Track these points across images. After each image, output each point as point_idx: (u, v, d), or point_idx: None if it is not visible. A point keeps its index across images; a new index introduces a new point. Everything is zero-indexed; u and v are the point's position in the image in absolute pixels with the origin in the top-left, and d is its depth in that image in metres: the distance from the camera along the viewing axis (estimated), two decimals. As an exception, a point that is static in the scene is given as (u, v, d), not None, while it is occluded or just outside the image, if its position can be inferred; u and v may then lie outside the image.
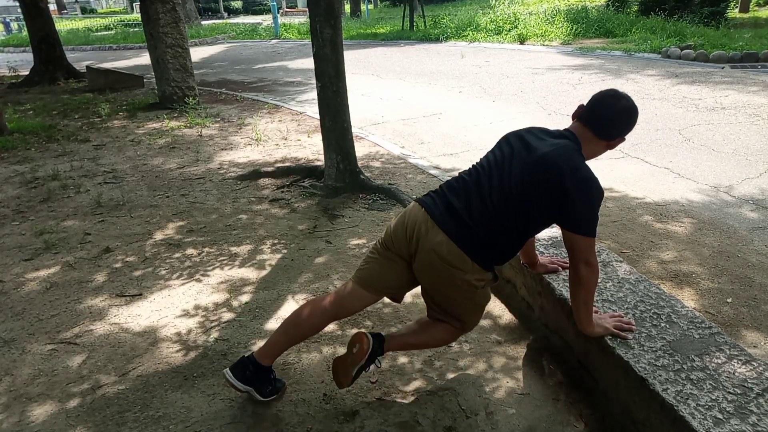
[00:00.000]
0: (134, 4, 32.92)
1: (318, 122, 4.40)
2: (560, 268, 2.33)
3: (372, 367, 1.95)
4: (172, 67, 7.44)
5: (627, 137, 1.90)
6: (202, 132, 6.23)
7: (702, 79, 8.08)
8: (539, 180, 1.73)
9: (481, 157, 1.95)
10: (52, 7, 23.75)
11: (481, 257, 1.77)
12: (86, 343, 2.47)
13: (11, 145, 5.88)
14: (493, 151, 1.93)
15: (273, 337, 2.05)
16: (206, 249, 3.37)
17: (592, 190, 1.73)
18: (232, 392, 2.12)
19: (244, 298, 2.82)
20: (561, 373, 2.17)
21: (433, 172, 4.72)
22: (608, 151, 1.94)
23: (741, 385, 1.64)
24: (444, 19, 16.42)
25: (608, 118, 1.84)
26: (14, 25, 26.67)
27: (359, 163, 4.38)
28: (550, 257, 2.41)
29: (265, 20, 24.32)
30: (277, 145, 5.64)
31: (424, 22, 16.59)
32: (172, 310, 2.72)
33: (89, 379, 2.24)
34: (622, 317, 1.97)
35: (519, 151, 1.82)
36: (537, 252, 2.39)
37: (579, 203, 1.72)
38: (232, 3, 35.79)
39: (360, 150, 4.98)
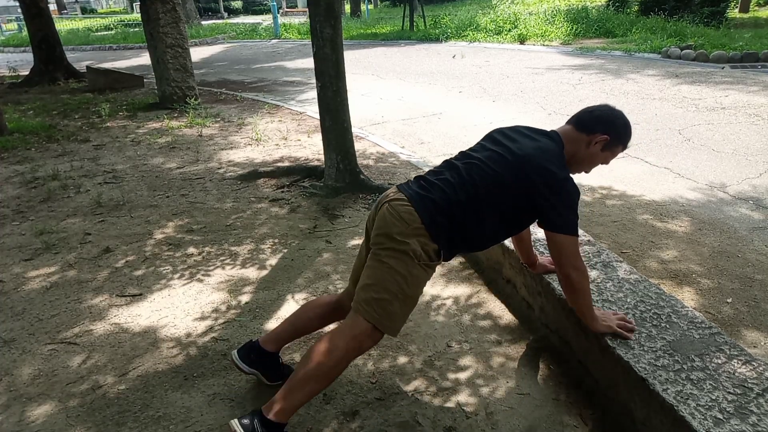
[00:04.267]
0: (134, 4, 32.91)
1: (318, 122, 4.40)
2: None
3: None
4: (172, 67, 7.44)
5: (623, 149, 1.95)
6: (202, 132, 6.23)
7: (702, 79, 8.08)
8: (513, 177, 1.77)
9: (460, 150, 1.99)
10: (52, 7, 23.74)
11: (430, 219, 1.75)
12: (86, 343, 2.47)
13: (11, 145, 5.88)
14: (476, 145, 1.98)
15: (279, 326, 2.11)
16: (206, 249, 3.37)
17: (568, 189, 1.77)
18: (232, 392, 2.12)
19: (244, 298, 2.82)
20: (561, 373, 2.17)
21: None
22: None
23: (741, 385, 1.64)
24: (444, 19, 16.42)
25: (588, 111, 1.95)
26: (6, 26, 26.67)
27: (359, 163, 4.38)
28: (550, 257, 2.41)
29: (265, 20, 24.31)
30: (277, 145, 5.64)
31: (424, 22, 16.59)
32: (172, 310, 2.72)
33: (89, 379, 2.24)
34: (625, 317, 1.99)
35: (499, 145, 1.87)
36: (536, 252, 2.39)
37: (556, 203, 1.76)
38: (232, 3, 35.79)
39: (360, 150, 4.99)
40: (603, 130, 1.88)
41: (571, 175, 1.82)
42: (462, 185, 1.79)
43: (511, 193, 1.78)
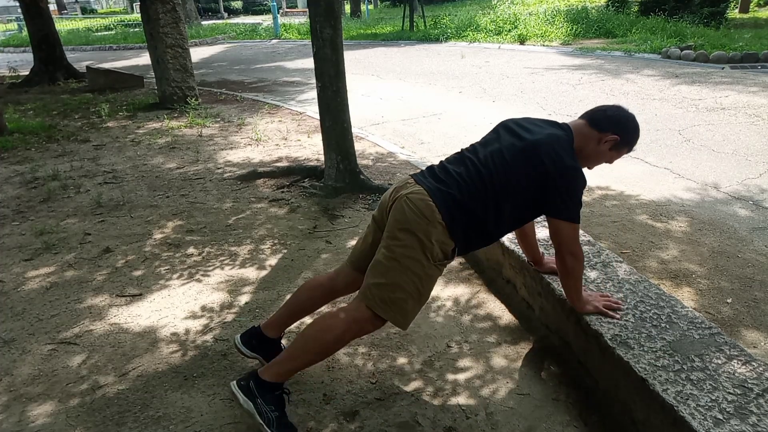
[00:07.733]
0: (134, 4, 32.90)
1: (318, 122, 4.41)
2: None
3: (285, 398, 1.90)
4: (172, 68, 7.44)
5: (628, 151, 2.02)
6: (202, 132, 6.23)
7: (702, 80, 8.08)
8: (526, 164, 1.81)
9: (472, 143, 2.03)
10: (52, 7, 23.76)
11: (450, 216, 1.78)
12: (86, 343, 2.47)
13: (11, 145, 5.87)
14: (487, 134, 2.03)
15: (277, 312, 2.21)
16: (206, 249, 3.37)
17: (576, 178, 1.83)
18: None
19: (244, 298, 2.82)
20: (561, 373, 2.17)
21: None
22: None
23: (741, 386, 1.64)
24: (444, 19, 16.43)
25: (602, 110, 1.99)
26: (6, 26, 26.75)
27: (359, 163, 4.38)
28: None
29: (265, 20, 24.31)
30: (277, 145, 5.64)
31: (424, 22, 16.60)
32: (172, 310, 2.72)
33: (89, 379, 2.24)
34: (610, 297, 2.08)
35: (512, 135, 1.91)
36: (542, 251, 2.39)
37: (563, 190, 1.82)
38: (232, 3, 35.76)
39: (360, 150, 4.99)
40: (614, 131, 1.93)
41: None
42: (479, 177, 1.81)
43: (525, 180, 1.81)
